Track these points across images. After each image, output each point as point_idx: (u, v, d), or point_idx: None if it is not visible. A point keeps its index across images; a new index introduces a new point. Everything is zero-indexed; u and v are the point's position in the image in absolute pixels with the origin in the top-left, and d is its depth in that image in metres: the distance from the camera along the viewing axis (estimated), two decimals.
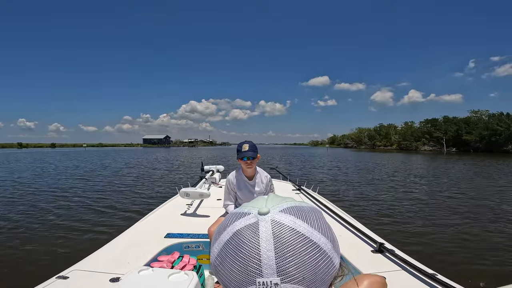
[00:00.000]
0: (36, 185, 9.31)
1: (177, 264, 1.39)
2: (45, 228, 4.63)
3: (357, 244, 1.77)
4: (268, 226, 0.33)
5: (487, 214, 5.38)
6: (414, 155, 37.50)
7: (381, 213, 5.49)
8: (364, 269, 1.38)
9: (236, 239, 0.33)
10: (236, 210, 0.38)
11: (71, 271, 1.36)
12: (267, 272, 0.31)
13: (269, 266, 0.31)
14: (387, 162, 21.62)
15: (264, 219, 0.33)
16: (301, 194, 3.44)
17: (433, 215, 5.33)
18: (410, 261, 1.41)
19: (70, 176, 11.70)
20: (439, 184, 9.40)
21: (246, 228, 0.33)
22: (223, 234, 0.35)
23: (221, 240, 0.35)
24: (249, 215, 0.35)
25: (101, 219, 5.10)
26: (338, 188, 8.65)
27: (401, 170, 14.88)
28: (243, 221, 0.34)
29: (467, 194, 7.55)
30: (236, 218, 0.35)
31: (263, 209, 0.34)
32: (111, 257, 1.56)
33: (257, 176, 1.99)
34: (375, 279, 0.61)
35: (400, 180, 10.62)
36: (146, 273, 1.07)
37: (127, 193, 7.61)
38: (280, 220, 0.33)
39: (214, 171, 4.20)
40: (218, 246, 0.35)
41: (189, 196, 2.56)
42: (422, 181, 10.37)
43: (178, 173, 12.90)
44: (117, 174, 12.60)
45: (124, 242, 1.80)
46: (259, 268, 0.31)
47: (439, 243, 3.87)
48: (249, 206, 0.37)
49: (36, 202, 6.63)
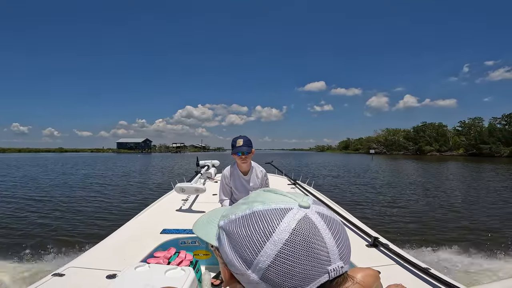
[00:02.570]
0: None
1: (173, 260, 1.39)
2: (40, 226, 4.59)
3: (351, 238, 1.76)
4: (318, 217, 0.35)
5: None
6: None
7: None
8: (359, 263, 1.39)
9: (298, 236, 0.33)
10: (265, 207, 0.36)
11: (67, 268, 1.35)
12: (334, 258, 0.34)
13: (334, 253, 0.34)
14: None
15: (310, 211, 0.35)
16: (297, 188, 3.45)
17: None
18: (404, 255, 1.43)
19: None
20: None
21: (302, 222, 0.34)
22: (276, 233, 0.33)
23: (277, 240, 0.33)
24: (292, 210, 0.35)
25: (96, 216, 5.07)
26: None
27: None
28: (292, 216, 0.34)
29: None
30: (279, 215, 0.34)
31: (304, 203, 0.36)
32: (107, 253, 1.55)
33: (252, 171, 1.99)
34: (369, 273, 0.62)
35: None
36: (142, 269, 1.07)
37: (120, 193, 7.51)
38: (321, 211, 0.37)
39: (210, 166, 4.19)
40: (275, 246, 0.33)
41: (184, 191, 2.55)
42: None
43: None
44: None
45: (119, 239, 1.79)
46: (328, 256, 0.34)
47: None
48: (278, 201, 0.36)
49: (30, 200, 6.57)
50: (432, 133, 64.98)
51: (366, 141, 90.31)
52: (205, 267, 1.67)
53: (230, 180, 2.00)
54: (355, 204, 7.04)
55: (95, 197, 7.49)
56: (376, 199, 7.74)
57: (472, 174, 16.09)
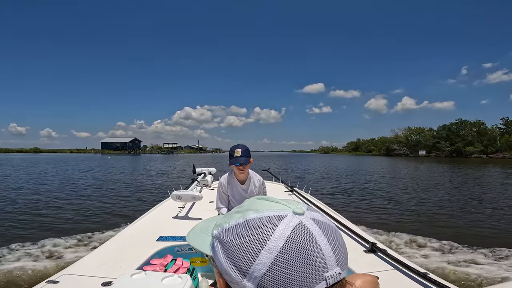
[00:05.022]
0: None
1: (170, 267, 1.37)
2: (34, 232, 4.52)
3: (349, 244, 1.78)
4: (313, 223, 0.35)
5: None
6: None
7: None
8: (357, 269, 1.39)
9: (294, 243, 0.32)
10: (259, 215, 0.35)
11: (62, 275, 1.33)
12: (331, 265, 0.33)
13: (331, 259, 0.34)
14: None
15: (304, 218, 0.35)
16: (294, 195, 3.46)
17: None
18: (402, 261, 1.43)
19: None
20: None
21: (297, 229, 0.33)
22: (271, 241, 0.33)
23: (272, 248, 0.32)
24: (286, 218, 0.34)
25: (92, 222, 5.01)
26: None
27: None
28: (287, 224, 0.34)
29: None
30: (273, 223, 0.34)
31: (299, 210, 0.36)
32: (103, 261, 1.53)
33: (249, 180, 1.98)
34: (367, 279, 0.62)
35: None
36: (138, 277, 1.06)
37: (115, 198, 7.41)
38: (316, 217, 0.36)
39: (206, 173, 4.19)
40: (271, 254, 0.32)
41: (181, 199, 2.54)
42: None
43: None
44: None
45: (115, 246, 1.77)
46: (324, 263, 0.33)
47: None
48: (273, 209, 0.36)
49: (24, 204, 6.47)
50: (470, 132, 56.43)
51: (380, 141, 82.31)
52: (202, 274, 1.65)
53: (227, 188, 2.00)
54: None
55: (91, 201, 7.40)
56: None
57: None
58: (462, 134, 57.54)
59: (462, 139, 56.73)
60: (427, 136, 66.34)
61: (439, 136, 61.68)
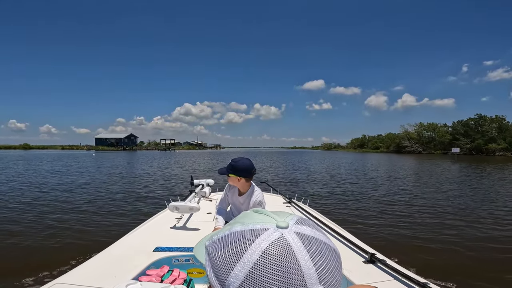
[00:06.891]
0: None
1: (166, 278, 1.35)
2: (26, 240, 4.43)
3: (348, 255, 1.77)
4: (295, 238, 0.33)
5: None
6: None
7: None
8: (356, 280, 1.37)
9: (269, 257, 0.31)
10: (242, 228, 0.35)
11: (55, 284, 1.30)
12: (311, 282, 0.31)
13: (312, 276, 0.31)
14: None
15: (287, 232, 0.34)
16: (292, 207, 3.43)
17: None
18: (402, 271, 1.42)
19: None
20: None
21: (275, 244, 0.32)
22: (246, 254, 0.32)
23: (247, 261, 0.32)
24: (268, 231, 0.33)
25: (87, 231, 4.92)
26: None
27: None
28: (266, 237, 0.33)
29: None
30: (253, 236, 0.33)
31: (282, 223, 0.34)
32: (97, 270, 1.51)
33: (249, 195, 1.97)
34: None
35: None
36: (134, 287, 1.04)
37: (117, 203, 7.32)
38: (302, 231, 0.34)
39: (204, 185, 4.19)
40: (244, 268, 0.32)
41: (178, 210, 2.53)
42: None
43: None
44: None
45: (111, 256, 1.74)
46: (303, 280, 0.31)
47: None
48: (256, 222, 0.35)
49: (15, 210, 6.36)
50: (492, 128, 50.98)
51: (388, 138, 75.97)
52: (199, 286, 1.62)
53: (229, 191, 2.04)
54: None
55: (87, 210, 7.25)
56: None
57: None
58: (482, 130, 52.66)
59: (482, 136, 51.56)
60: (441, 132, 62.12)
61: (457, 132, 56.27)
